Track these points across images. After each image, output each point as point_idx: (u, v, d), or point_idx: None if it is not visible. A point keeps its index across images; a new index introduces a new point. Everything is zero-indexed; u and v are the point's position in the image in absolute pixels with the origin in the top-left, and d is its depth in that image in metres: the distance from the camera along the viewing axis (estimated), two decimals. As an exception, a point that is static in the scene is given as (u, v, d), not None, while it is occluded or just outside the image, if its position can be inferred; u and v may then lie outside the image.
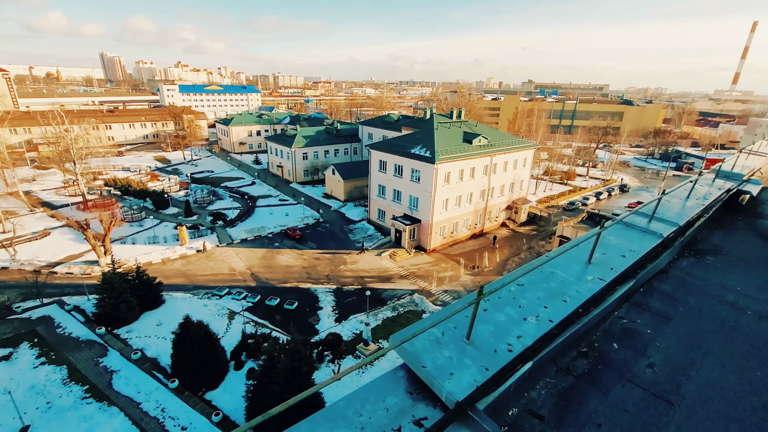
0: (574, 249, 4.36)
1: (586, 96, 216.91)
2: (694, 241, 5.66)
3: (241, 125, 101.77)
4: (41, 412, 23.21)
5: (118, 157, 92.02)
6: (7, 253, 42.67)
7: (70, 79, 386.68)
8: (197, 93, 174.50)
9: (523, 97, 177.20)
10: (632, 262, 4.35)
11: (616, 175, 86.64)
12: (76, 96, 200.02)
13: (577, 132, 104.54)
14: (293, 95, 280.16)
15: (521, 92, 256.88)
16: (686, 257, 5.18)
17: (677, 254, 5.21)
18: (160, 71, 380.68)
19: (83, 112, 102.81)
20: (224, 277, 40.67)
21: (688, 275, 4.69)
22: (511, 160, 53.94)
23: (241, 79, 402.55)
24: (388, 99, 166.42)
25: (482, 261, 46.44)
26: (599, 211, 54.55)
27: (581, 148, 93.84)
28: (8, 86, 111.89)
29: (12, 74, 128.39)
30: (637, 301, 4.19)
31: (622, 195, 74.99)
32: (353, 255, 46.42)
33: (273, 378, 20.89)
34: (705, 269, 4.90)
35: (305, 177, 74.56)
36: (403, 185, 48.83)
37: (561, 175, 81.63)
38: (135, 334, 30.93)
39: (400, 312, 35.49)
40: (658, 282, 4.55)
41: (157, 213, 56.86)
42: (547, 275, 3.88)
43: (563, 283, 3.79)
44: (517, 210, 57.68)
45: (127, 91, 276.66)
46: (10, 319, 31.91)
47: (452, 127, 52.04)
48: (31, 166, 79.23)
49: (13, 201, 58.72)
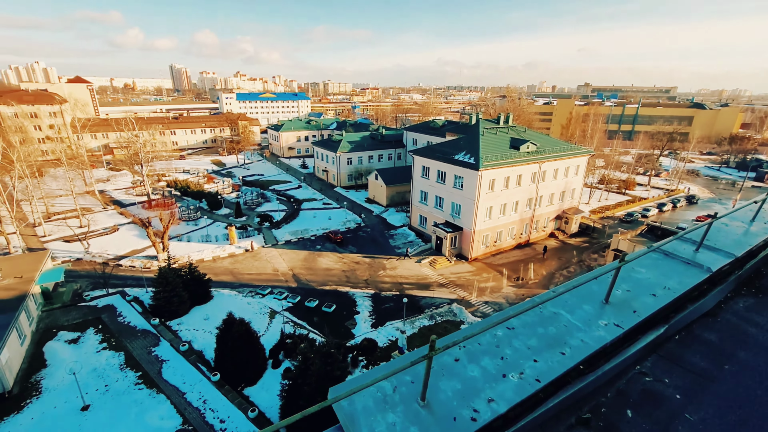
0: (591, 284, 3.68)
1: (649, 99, 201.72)
2: (758, 275, 4.62)
3: (290, 131, 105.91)
4: (100, 393, 25.28)
5: (180, 161, 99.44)
6: (81, 246, 47.35)
7: (144, 89, 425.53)
8: (252, 100, 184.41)
9: (578, 101, 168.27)
10: (665, 304, 3.53)
11: (682, 185, 79.34)
12: (147, 104, 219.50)
13: (638, 138, 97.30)
14: (341, 101, 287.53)
15: (576, 96, 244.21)
16: (743, 297, 4.20)
17: (731, 292, 4.26)
18: (220, 80, 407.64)
19: (152, 119, 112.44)
20: (267, 277, 42.18)
21: (744, 321, 3.77)
22: (561, 167, 51.18)
23: (293, 87, 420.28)
24: (434, 104, 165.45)
25: (527, 273, 44.33)
26: (661, 224, 50.10)
27: (643, 155, 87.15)
28: (91, 96, 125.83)
29: (96, 85, 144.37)
30: (669, 352, 3.34)
31: (690, 207, 68.41)
32: (393, 260, 46.26)
33: (306, 380, 21.16)
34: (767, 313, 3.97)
35: (349, 181, 75.81)
36: (446, 192, 47.99)
37: (619, 183, 76.21)
38: (184, 326, 32.86)
39: (437, 321, 34.72)
40: (700, 329, 3.67)
41: (210, 213, 60.46)
42: (548, 317, 3.22)
43: (567, 328, 3.11)
44: (567, 220, 54.53)
45: (191, 99, 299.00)
46: (80, 306, 35.27)
47: (499, 133, 50.43)
48: (106, 168, 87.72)
49: (89, 199, 65.25)
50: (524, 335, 3.01)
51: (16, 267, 34.67)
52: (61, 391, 25.27)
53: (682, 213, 65.07)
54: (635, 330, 3.26)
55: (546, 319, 3.19)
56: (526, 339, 2.98)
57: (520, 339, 2.97)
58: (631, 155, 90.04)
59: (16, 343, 27.77)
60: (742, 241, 4.86)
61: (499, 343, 2.90)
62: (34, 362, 28.17)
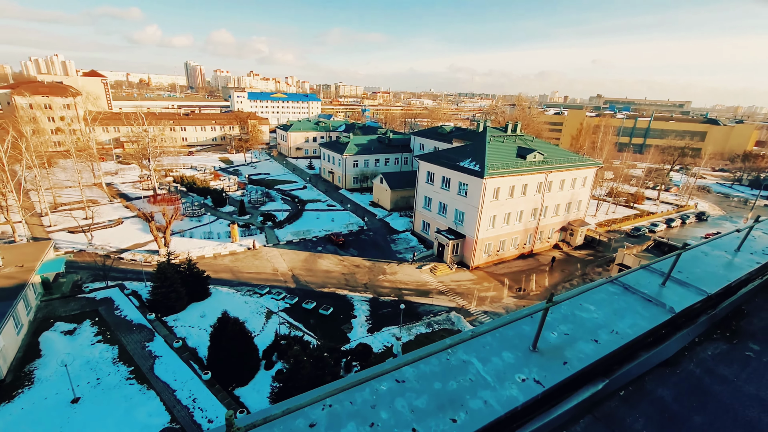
0: (523, 323, 3.07)
1: (662, 113, 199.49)
2: (736, 316, 3.97)
3: (299, 131, 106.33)
4: (91, 386, 25.21)
5: (189, 157, 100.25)
6: (85, 238, 47.69)
7: (159, 85, 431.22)
8: (263, 100, 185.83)
9: (590, 113, 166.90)
10: (608, 353, 2.88)
11: (692, 201, 77.96)
12: (160, 100, 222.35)
13: (648, 151, 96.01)
14: (352, 104, 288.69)
15: (588, 107, 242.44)
16: (715, 342, 3.55)
17: (701, 336, 3.63)
18: (234, 79, 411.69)
19: (163, 115, 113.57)
20: (267, 277, 42.04)
21: (708, 374, 3.11)
22: (568, 178, 50.50)
23: (305, 88, 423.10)
24: (444, 110, 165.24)
25: (529, 284, 43.67)
26: (668, 240, 49.18)
27: (653, 169, 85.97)
28: (105, 90, 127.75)
29: (112, 80, 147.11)
30: (608, 413, 2.71)
31: (699, 224, 67.13)
32: (393, 265, 45.88)
33: (296, 383, 20.86)
34: (740, 365, 3.25)
35: (354, 184, 75.70)
36: (450, 198, 47.58)
37: (627, 197, 75.12)
38: (180, 323, 32.78)
39: (434, 329, 34.23)
40: (653, 383, 3.02)
41: (215, 210, 60.65)
42: (454, 366, 2.60)
43: (472, 383, 2.49)
44: (572, 232, 53.75)
45: (204, 97, 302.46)
46: (79, 297, 35.40)
47: (506, 141, 49.95)
48: (116, 161, 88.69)
49: (97, 191, 65.87)
50: (414, 391, 2.43)
51: (18, 256, 34.94)
52: (53, 383, 25.24)
53: (692, 230, 63.86)
54: (562, 387, 2.62)
55: (451, 370, 2.56)
56: (414, 397, 2.39)
57: (407, 397, 2.39)
58: (640, 169, 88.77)
59: (12, 332, 27.86)
60: (720, 276, 4.22)
61: (377, 403, 2.30)
62: (29, 352, 28.23)
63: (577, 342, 3.00)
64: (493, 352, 2.79)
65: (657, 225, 61.99)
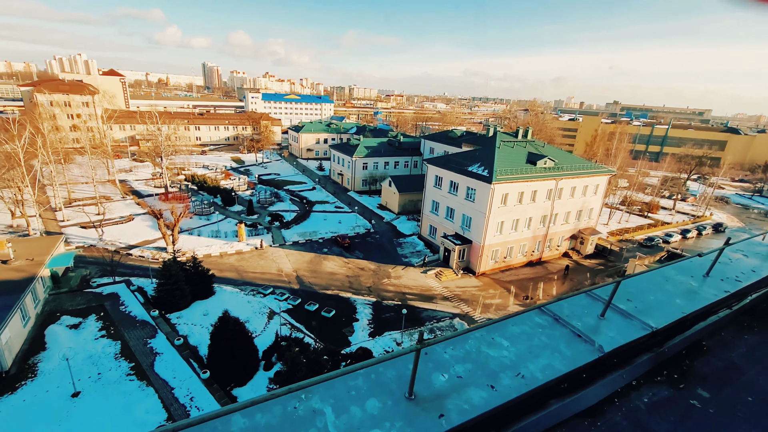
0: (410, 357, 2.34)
1: (681, 121, 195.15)
2: (692, 353, 3.36)
3: (310, 132, 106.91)
4: (92, 381, 25.44)
5: (202, 156, 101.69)
6: (96, 233, 48.53)
7: (176, 85, 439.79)
8: (277, 101, 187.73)
9: (606, 119, 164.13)
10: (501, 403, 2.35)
11: (709, 212, 75.74)
12: (177, 99, 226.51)
13: (665, 160, 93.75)
14: (365, 107, 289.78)
15: (604, 114, 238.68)
16: (655, 386, 2.95)
17: (640, 379, 3.01)
18: (249, 80, 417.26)
19: (177, 114, 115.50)
20: (271, 277, 42.10)
21: (637, 427, 2.56)
22: (580, 185, 49.50)
23: (319, 90, 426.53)
24: (456, 114, 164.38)
25: (536, 291, 42.82)
26: (682, 251, 47.75)
27: (669, 177, 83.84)
28: (123, 89, 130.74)
29: (132, 79, 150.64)
30: None
31: (716, 235, 65.10)
32: (398, 269, 45.52)
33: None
34: (679, 416, 2.66)
35: (363, 186, 75.62)
36: (457, 203, 47.06)
37: (641, 206, 73.36)
38: (183, 320, 32.96)
39: (436, 335, 33.69)
40: None
41: (224, 209, 61.18)
42: (300, 419, 2.12)
43: None
44: (583, 240, 52.62)
45: (219, 97, 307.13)
46: (86, 292, 35.93)
47: (516, 147, 49.25)
48: (131, 159, 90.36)
49: (110, 187, 67.14)
50: None
51: (29, 249, 35.64)
52: (55, 376, 25.55)
53: (707, 241, 61.97)
54: None
55: (293, 424, 2.05)
56: None
57: None
58: (656, 177, 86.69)
59: (19, 325, 28.35)
60: (676, 306, 3.57)
61: None
62: (34, 344, 28.68)
63: (467, 388, 2.45)
64: (357, 398, 2.26)
65: (672, 235, 60.28)
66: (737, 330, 3.80)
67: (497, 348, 2.84)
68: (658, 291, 3.89)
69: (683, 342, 3.41)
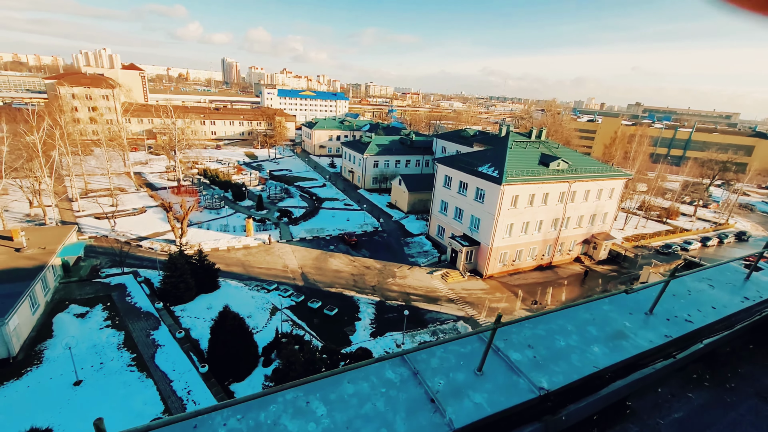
0: None
1: (706, 124, 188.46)
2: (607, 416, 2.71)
3: (323, 129, 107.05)
4: (94, 370, 25.83)
5: (216, 150, 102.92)
6: (109, 224, 49.50)
7: (196, 80, 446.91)
8: (293, 97, 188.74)
9: (626, 121, 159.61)
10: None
11: (733, 220, 72.82)
12: (195, 94, 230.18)
13: (686, 164, 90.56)
14: (380, 104, 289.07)
15: (625, 115, 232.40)
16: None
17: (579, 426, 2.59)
18: (267, 76, 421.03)
19: (194, 108, 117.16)
20: (276, 273, 42.16)
21: None
22: (594, 189, 48.05)
23: (336, 87, 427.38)
24: (472, 113, 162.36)
25: (544, 296, 41.79)
26: (700, 260, 45.85)
27: (690, 183, 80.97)
28: (142, 83, 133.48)
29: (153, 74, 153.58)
30: None
31: (738, 244, 62.54)
32: (404, 269, 45.05)
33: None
34: None
35: (373, 184, 75.26)
36: (466, 204, 46.26)
37: (660, 211, 71.02)
38: (187, 313, 33.24)
39: (439, 338, 33.15)
40: None
41: (234, 204, 61.69)
42: None
43: None
44: (596, 245, 51.15)
45: (236, 92, 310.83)
46: (95, 281, 36.60)
47: (529, 147, 48.10)
48: (147, 152, 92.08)
49: (125, 179, 68.47)
50: None
51: (42, 238, 36.49)
52: (60, 363, 26.02)
53: (729, 250, 59.56)
54: None
55: None
56: None
57: None
58: (677, 182, 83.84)
59: (28, 312, 28.99)
60: (590, 357, 2.85)
61: None
62: (42, 331, 29.30)
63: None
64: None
65: (690, 243, 58.15)
66: (679, 386, 3.10)
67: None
68: (573, 334, 3.13)
69: (589, 407, 2.65)
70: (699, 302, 3.80)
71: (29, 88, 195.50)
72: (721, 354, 3.50)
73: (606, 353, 2.90)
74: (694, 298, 3.88)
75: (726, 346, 3.56)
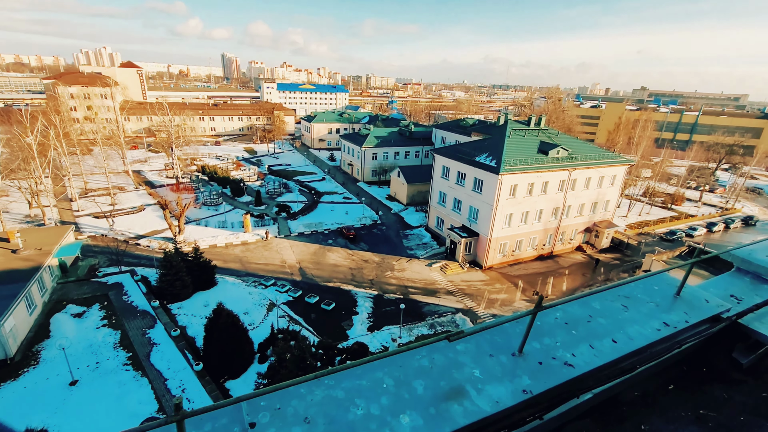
0: None
1: (714, 107, 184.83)
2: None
3: (322, 122, 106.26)
4: (90, 370, 25.85)
5: (215, 146, 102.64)
6: (107, 223, 49.52)
7: (197, 76, 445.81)
8: (292, 91, 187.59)
9: (631, 106, 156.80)
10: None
11: (739, 204, 71.42)
12: (194, 90, 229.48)
13: (691, 149, 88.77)
14: (381, 96, 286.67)
15: (629, 100, 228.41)
16: None
17: None
18: (267, 70, 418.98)
19: (191, 105, 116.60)
20: (274, 268, 41.98)
21: None
22: (595, 176, 47.14)
23: (337, 79, 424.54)
24: (473, 102, 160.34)
25: (545, 287, 41.27)
26: (705, 246, 45.06)
27: (696, 167, 79.40)
28: (140, 81, 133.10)
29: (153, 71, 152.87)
30: None
31: (745, 229, 61.36)
32: (403, 261, 44.68)
33: (273, 381, 20.26)
34: None
35: (372, 177, 74.67)
36: (464, 194, 45.61)
37: (664, 197, 69.81)
38: (183, 311, 33.19)
39: (437, 330, 32.88)
40: None
41: (232, 200, 61.51)
42: None
43: None
44: (598, 233, 50.37)
45: (235, 87, 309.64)
46: (92, 281, 36.64)
47: (527, 136, 47.18)
48: (147, 150, 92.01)
49: (125, 178, 68.48)
50: None
51: (39, 239, 36.49)
52: (56, 364, 26.06)
53: (736, 235, 58.44)
54: None
55: None
56: None
57: None
58: (683, 167, 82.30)
59: (24, 313, 29.04)
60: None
61: None
62: (39, 332, 29.38)
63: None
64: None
65: (696, 229, 57.08)
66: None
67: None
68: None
69: None
70: (596, 334, 2.95)
71: (30, 89, 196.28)
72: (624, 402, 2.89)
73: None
74: (592, 327, 3.00)
75: (632, 392, 2.96)
